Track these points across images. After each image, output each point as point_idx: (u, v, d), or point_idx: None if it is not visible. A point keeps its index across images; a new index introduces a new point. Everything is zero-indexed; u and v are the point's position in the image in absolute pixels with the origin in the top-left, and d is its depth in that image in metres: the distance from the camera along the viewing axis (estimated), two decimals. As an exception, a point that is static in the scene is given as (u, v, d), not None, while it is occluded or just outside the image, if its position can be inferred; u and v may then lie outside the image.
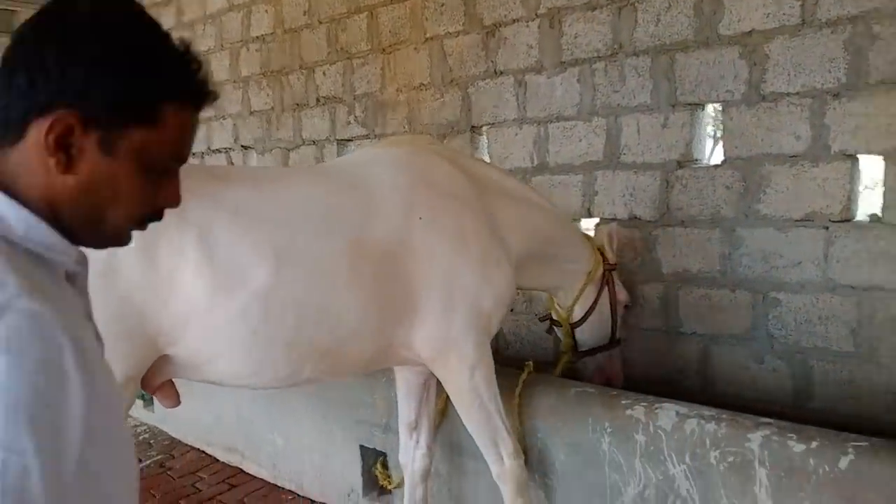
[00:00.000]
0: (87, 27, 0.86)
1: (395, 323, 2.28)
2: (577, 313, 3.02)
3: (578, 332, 3.06)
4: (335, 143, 4.94)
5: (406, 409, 2.81)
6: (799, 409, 3.06)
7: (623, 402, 2.51)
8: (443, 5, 4.19)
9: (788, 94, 3.08)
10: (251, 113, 5.57)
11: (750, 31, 3.15)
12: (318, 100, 5.01)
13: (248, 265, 2.04)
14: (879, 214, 2.94)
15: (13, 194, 0.86)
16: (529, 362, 2.86)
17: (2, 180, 0.87)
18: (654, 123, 3.44)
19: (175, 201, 0.98)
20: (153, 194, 0.94)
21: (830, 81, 2.98)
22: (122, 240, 0.96)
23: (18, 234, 0.85)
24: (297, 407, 3.66)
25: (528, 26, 3.86)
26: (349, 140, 4.84)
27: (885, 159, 2.90)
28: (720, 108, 3.31)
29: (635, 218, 3.54)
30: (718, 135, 3.32)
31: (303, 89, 5.11)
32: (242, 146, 5.73)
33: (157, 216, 0.97)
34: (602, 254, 3.03)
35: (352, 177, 2.38)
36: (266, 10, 5.28)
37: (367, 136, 4.69)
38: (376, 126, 4.63)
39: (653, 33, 3.44)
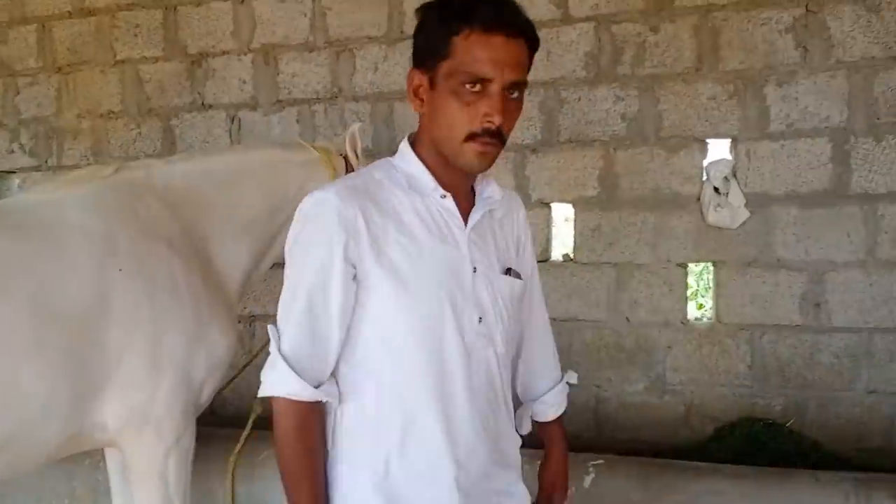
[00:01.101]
0: (418, 13, 1.33)
1: (90, 399, 1.92)
2: None
3: None
4: (-10, 175, 4.10)
5: (122, 494, 2.37)
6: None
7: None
8: (137, 26, 3.78)
9: (495, 147, 3.38)
10: None
11: (460, 87, 3.41)
12: (-37, 121, 4.12)
13: None
14: (571, 255, 3.38)
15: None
16: (257, 405, 2.51)
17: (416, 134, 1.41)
18: (376, 168, 3.51)
19: (489, 113, 1.24)
20: (468, 113, 1.25)
21: (529, 138, 3.36)
22: (464, 158, 1.29)
23: (398, 164, 1.39)
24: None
25: (240, 60, 3.67)
26: (12, 172, 4.05)
27: (573, 206, 3.35)
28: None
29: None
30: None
31: (-60, 107, 4.15)
32: None
33: (486, 132, 1.25)
34: (346, 161, 2.60)
35: (33, 220, 1.96)
36: None
37: (37, 168, 3.98)
38: (50, 156, 3.96)
39: (371, 81, 3.53)
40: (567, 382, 1.69)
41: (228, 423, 3.24)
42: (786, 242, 3.10)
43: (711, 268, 3.28)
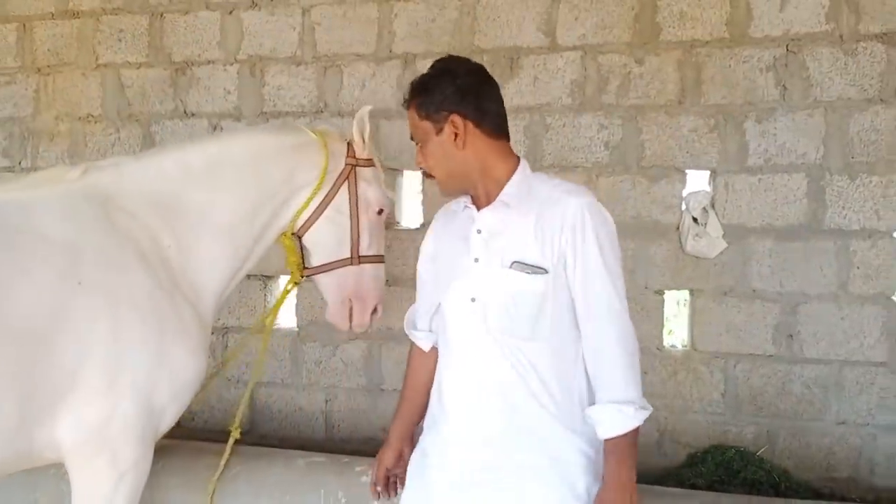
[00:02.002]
0: None
1: (40, 418, 1.81)
2: (304, 220, 2.33)
3: (309, 244, 2.37)
4: (-41, 174, 3.99)
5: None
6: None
7: (357, 468, 2.44)
8: (122, 31, 3.74)
9: (479, 168, 3.40)
10: None
11: (446, 108, 3.43)
12: (-67, 117, 4.01)
13: None
14: (551, 278, 3.40)
15: None
16: (237, 428, 2.51)
17: None
18: (360, 184, 3.50)
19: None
20: None
21: (513, 160, 3.39)
22: None
23: None
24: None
25: (225, 70, 3.65)
26: (-17, 171, 3.96)
27: (555, 231, 3.38)
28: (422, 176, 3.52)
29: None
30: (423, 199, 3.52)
31: None
32: None
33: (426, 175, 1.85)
34: (350, 146, 2.41)
35: None
36: None
37: (9, 169, 3.89)
38: (24, 158, 3.88)
39: (358, 97, 3.53)
40: (623, 413, 1.57)
41: (194, 435, 3.19)
42: (761, 274, 3.17)
43: (688, 296, 3.34)
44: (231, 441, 2.47)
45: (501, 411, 1.67)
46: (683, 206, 3.25)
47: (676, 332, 4.37)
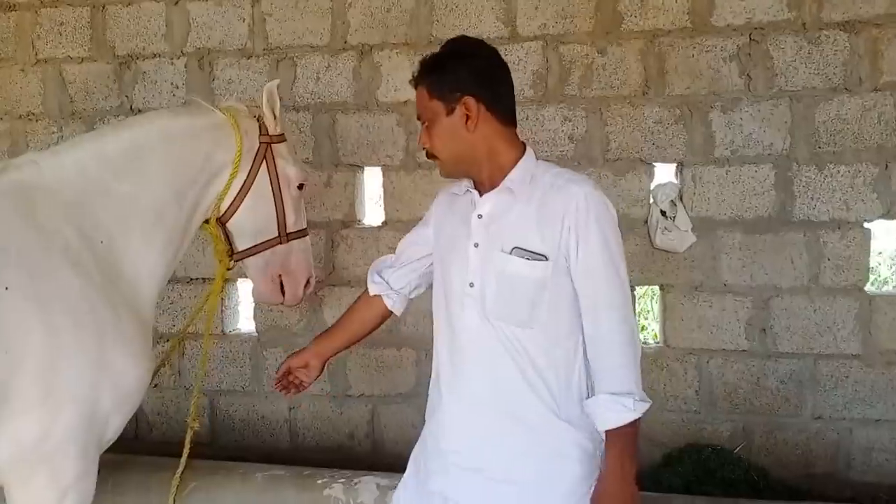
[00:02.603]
0: None
1: None
2: (227, 205, 2.25)
3: (235, 228, 2.28)
4: None
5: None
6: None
7: (319, 481, 2.32)
8: (62, 24, 3.54)
9: (441, 164, 3.29)
10: None
11: (406, 101, 3.31)
12: None
13: None
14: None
15: None
16: (195, 419, 2.35)
17: None
18: (317, 181, 3.36)
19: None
20: None
21: (476, 155, 3.28)
22: None
23: None
24: None
25: (172, 64, 3.48)
26: (-89, 174, 3.71)
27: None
28: (380, 172, 3.39)
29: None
30: (380, 197, 3.39)
31: None
32: None
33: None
34: (260, 122, 2.30)
35: None
36: None
37: (-58, 172, 3.65)
38: (-41, 159, 3.65)
39: (313, 91, 3.39)
40: (622, 404, 1.54)
41: (152, 449, 3.03)
42: (731, 267, 3.10)
43: (659, 291, 3.26)
44: (189, 434, 2.32)
45: (495, 398, 1.66)
46: (651, 200, 3.17)
47: (648, 328, 4.31)
